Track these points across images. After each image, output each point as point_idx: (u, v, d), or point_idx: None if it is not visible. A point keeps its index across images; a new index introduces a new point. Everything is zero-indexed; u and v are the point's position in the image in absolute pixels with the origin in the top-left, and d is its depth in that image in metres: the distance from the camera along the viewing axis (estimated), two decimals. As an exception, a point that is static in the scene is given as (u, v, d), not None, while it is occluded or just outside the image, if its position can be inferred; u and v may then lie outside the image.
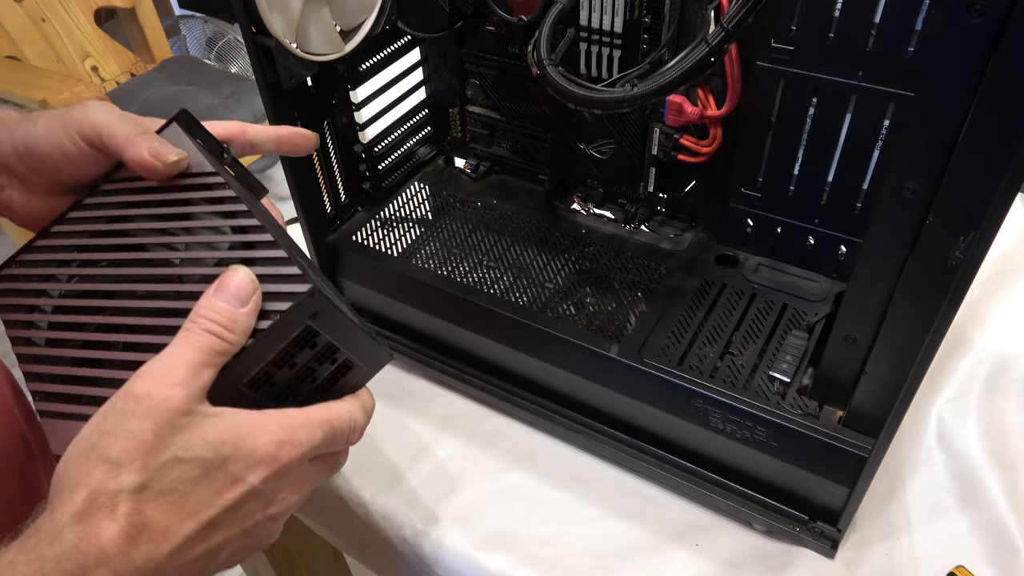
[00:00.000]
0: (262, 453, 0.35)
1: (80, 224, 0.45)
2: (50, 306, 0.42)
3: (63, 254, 0.44)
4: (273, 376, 0.38)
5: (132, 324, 0.40)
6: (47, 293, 0.43)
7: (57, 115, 0.42)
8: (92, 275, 0.43)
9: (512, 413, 0.64)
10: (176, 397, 0.33)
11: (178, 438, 0.33)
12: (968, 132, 0.35)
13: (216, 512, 0.34)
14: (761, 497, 0.55)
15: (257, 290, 0.37)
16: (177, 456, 0.33)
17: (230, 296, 0.36)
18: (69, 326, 0.41)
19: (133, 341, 0.39)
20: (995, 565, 0.52)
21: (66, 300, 0.42)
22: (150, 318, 0.39)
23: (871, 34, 0.47)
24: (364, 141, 0.69)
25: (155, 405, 0.32)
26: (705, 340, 0.56)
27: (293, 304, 0.37)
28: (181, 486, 0.33)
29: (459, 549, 0.56)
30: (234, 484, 0.34)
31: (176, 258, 0.42)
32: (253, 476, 0.34)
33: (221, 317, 0.35)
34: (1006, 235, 0.78)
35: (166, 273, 0.41)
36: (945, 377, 0.66)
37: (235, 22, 0.52)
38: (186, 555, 0.33)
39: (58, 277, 0.43)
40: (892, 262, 0.41)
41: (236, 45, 2.20)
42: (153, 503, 0.32)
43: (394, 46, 0.68)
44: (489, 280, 0.63)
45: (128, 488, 0.31)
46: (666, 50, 0.55)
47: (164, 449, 0.32)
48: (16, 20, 1.72)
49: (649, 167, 0.64)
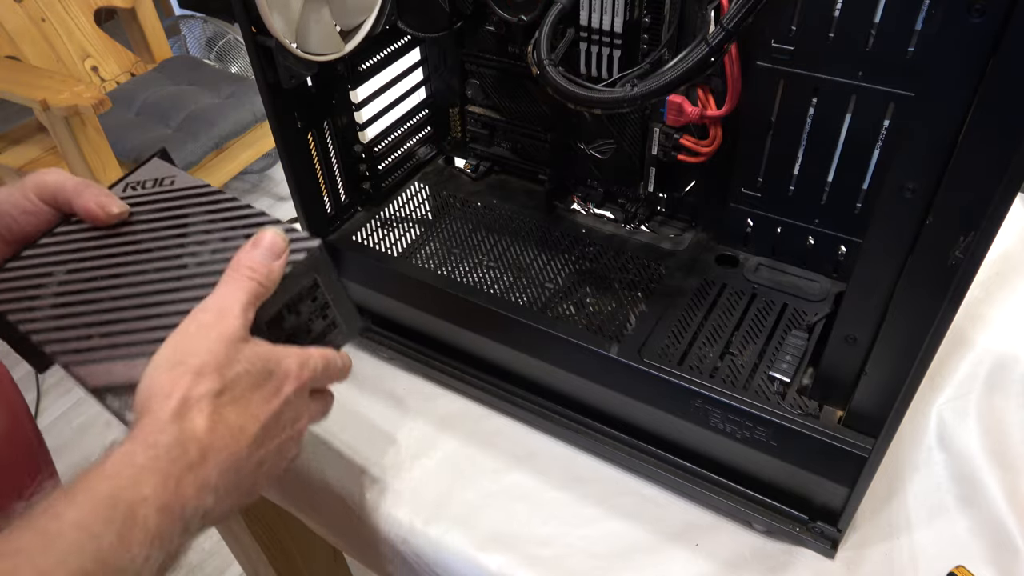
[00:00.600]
0: (291, 370, 0.44)
1: (57, 244, 0.50)
2: (51, 292, 0.48)
3: (53, 258, 0.50)
4: (284, 320, 0.48)
5: (143, 293, 0.47)
6: (44, 285, 0.49)
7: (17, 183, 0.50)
8: (92, 267, 0.49)
9: (512, 413, 0.64)
10: (237, 325, 0.42)
11: (241, 356, 0.41)
12: (968, 132, 0.35)
13: (268, 417, 0.42)
14: (761, 497, 0.55)
15: (287, 247, 0.46)
16: (243, 369, 0.41)
17: (265, 250, 0.45)
18: (79, 302, 0.47)
19: (145, 305, 0.47)
20: (995, 565, 0.52)
21: (69, 285, 0.48)
22: (160, 295, 0.47)
23: (871, 34, 0.47)
24: (364, 141, 0.69)
25: (224, 330, 0.41)
26: (705, 340, 0.56)
27: (307, 255, 0.47)
28: (247, 393, 0.41)
29: (459, 549, 0.56)
30: (277, 393, 0.43)
31: (184, 244, 0.49)
32: (287, 387, 0.44)
33: (260, 267, 0.44)
34: (1006, 235, 0.78)
35: (173, 257, 0.49)
36: (945, 377, 0.66)
37: (235, 22, 0.52)
38: (254, 455, 0.41)
39: (54, 273, 0.49)
40: (892, 262, 0.41)
41: (236, 45, 2.20)
42: (229, 407, 0.40)
43: (394, 46, 0.68)
44: (489, 280, 0.63)
45: (211, 392, 0.39)
46: (666, 50, 0.55)
47: (234, 363, 0.41)
48: (16, 20, 1.72)
49: (649, 167, 0.64)
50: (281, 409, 0.43)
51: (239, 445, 0.40)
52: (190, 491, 0.37)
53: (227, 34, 2.21)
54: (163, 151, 0.56)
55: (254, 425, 0.41)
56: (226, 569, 1.45)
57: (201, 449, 0.38)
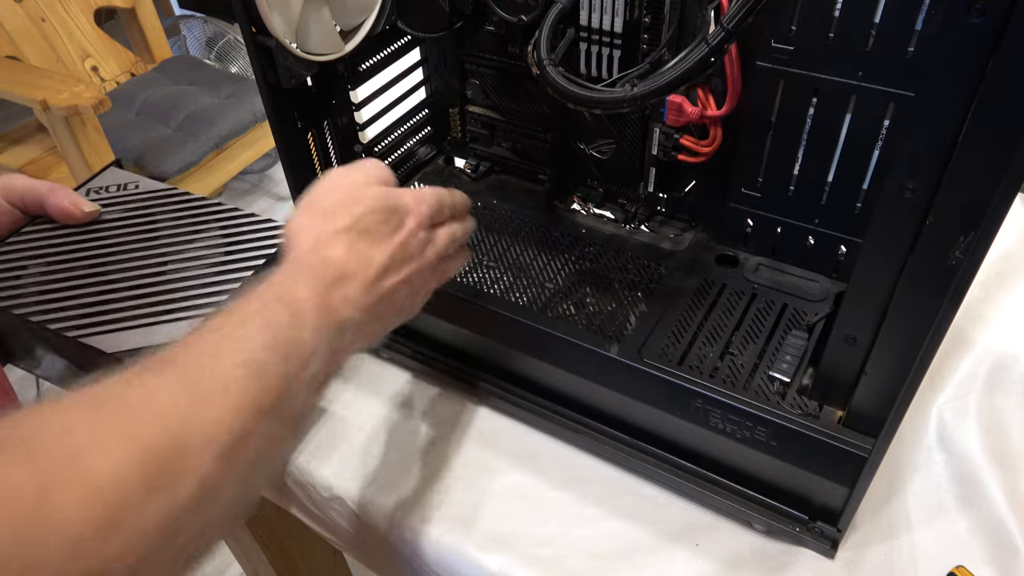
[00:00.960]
0: (409, 205, 0.49)
1: (28, 241, 0.53)
2: (33, 281, 0.51)
3: (28, 252, 0.52)
4: None
5: (134, 277, 0.51)
6: (23, 276, 0.51)
7: None
8: (72, 258, 0.52)
9: (512, 413, 0.64)
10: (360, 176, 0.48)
11: (364, 196, 0.47)
12: (968, 132, 0.35)
13: (394, 248, 0.47)
14: (761, 497, 0.55)
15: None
16: (368, 207, 0.46)
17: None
18: (69, 287, 0.50)
19: (140, 287, 0.51)
20: (995, 565, 0.52)
21: (52, 275, 0.51)
22: (150, 277, 0.51)
23: (871, 34, 0.47)
24: (364, 141, 0.69)
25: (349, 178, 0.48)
26: (705, 340, 0.56)
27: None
28: (373, 227, 0.46)
29: (459, 549, 0.56)
30: (400, 225, 0.48)
31: (158, 237, 0.54)
32: (410, 221, 0.48)
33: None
34: (1006, 235, 0.78)
35: (151, 248, 0.53)
36: (945, 377, 0.66)
37: (235, 22, 0.53)
38: (387, 280, 0.46)
39: (30, 266, 0.51)
40: (892, 262, 0.41)
41: (236, 45, 2.20)
42: (358, 239, 0.45)
43: (394, 46, 0.68)
44: (489, 280, 0.63)
45: (342, 228, 0.45)
46: (666, 50, 0.55)
47: (359, 202, 0.46)
48: (16, 20, 1.72)
49: (649, 167, 0.64)
50: (406, 240, 0.48)
51: (371, 271, 0.45)
52: (337, 301, 0.43)
53: (227, 34, 2.21)
54: (117, 161, 0.62)
55: (382, 255, 0.46)
56: (226, 569, 1.45)
57: (340, 271, 0.44)
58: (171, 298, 0.49)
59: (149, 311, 0.49)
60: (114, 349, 0.47)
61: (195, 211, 0.57)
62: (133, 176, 0.58)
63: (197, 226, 0.55)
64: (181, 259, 0.53)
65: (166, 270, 0.52)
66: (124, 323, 0.48)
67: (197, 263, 0.52)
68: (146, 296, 0.50)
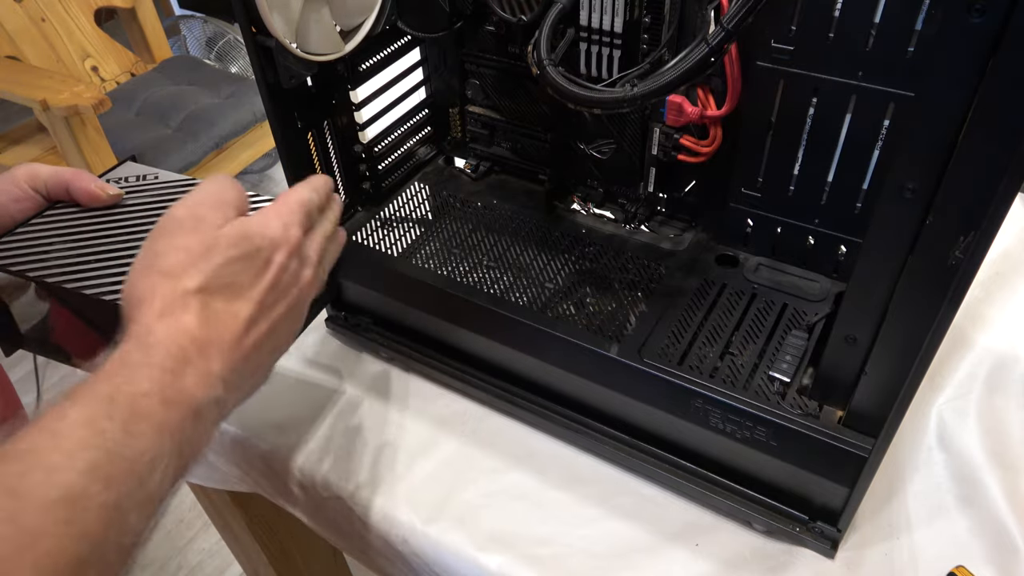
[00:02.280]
0: (276, 236, 0.43)
1: (52, 221, 0.52)
2: (57, 255, 0.49)
3: (52, 229, 0.51)
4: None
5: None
6: (48, 250, 0.50)
7: (5, 174, 0.52)
8: (95, 234, 0.51)
9: (512, 413, 0.64)
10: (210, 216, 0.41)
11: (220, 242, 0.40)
12: (968, 132, 0.35)
13: (262, 293, 0.41)
14: (761, 497, 0.55)
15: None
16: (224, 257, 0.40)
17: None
18: (97, 260, 0.49)
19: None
20: (995, 565, 0.52)
21: (76, 248, 0.49)
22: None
23: (871, 34, 0.47)
24: (364, 141, 0.69)
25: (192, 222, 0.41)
26: (705, 340, 0.56)
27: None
28: (234, 277, 0.40)
29: (459, 549, 0.56)
30: (267, 265, 0.42)
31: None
32: (279, 254, 0.42)
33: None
34: (1006, 235, 0.78)
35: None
36: (945, 377, 0.66)
37: (235, 22, 0.53)
38: (254, 332, 0.41)
39: (54, 242, 0.50)
40: (892, 262, 0.41)
41: (236, 45, 2.20)
42: (216, 296, 0.39)
43: (394, 46, 0.68)
44: (489, 280, 0.63)
45: (194, 287, 0.39)
46: (666, 50, 0.55)
47: (213, 250, 0.40)
48: (16, 20, 1.72)
49: (649, 167, 0.64)
50: (276, 278, 0.42)
51: (234, 329, 0.39)
52: (193, 384, 0.37)
53: (227, 34, 2.21)
54: (133, 157, 0.61)
55: (248, 306, 0.40)
56: (226, 569, 1.45)
57: (196, 343, 0.38)
58: None
59: None
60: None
61: None
62: (151, 169, 0.58)
63: None
64: None
65: None
66: None
67: None
68: None
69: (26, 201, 0.51)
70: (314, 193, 0.47)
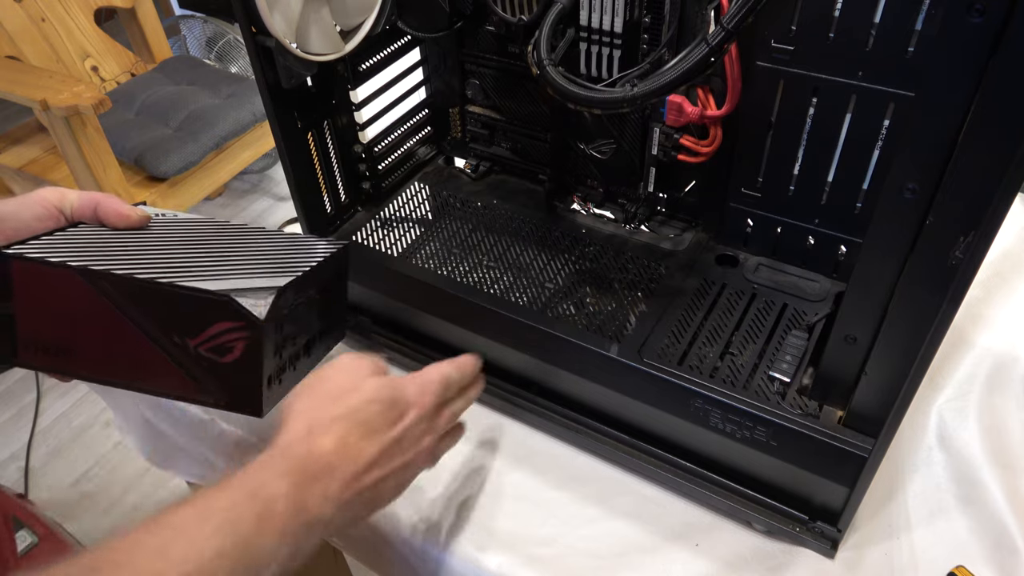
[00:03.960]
0: (411, 398, 0.49)
1: (79, 232, 0.52)
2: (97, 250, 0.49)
3: (82, 238, 0.51)
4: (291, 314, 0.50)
5: (201, 255, 0.51)
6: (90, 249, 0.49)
7: (32, 193, 0.53)
8: (127, 245, 0.51)
9: (512, 413, 0.64)
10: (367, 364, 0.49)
11: (367, 386, 0.47)
12: (968, 132, 0.35)
13: (388, 442, 0.46)
14: (761, 497, 0.55)
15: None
16: (367, 397, 0.46)
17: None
18: (144, 257, 0.49)
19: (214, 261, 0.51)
20: (995, 565, 0.52)
21: (118, 249, 0.50)
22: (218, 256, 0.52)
23: (871, 34, 0.47)
24: (364, 141, 0.69)
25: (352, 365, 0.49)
26: (705, 340, 0.56)
27: (338, 251, 0.56)
28: (371, 418, 0.46)
29: (459, 549, 0.56)
30: (400, 419, 0.47)
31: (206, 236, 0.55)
32: (411, 413, 0.48)
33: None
34: (1006, 235, 0.78)
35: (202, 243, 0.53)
36: (945, 377, 0.66)
37: (235, 22, 0.53)
38: (372, 474, 0.45)
39: (91, 246, 0.50)
40: (892, 262, 0.41)
41: (236, 45, 2.20)
42: (353, 430, 0.45)
43: (394, 46, 0.68)
44: (489, 280, 0.63)
45: (338, 415, 0.45)
46: (666, 50, 0.55)
47: (360, 390, 0.47)
48: (16, 20, 1.72)
49: (649, 167, 0.64)
50: (402, 434, 0.47)
51: (358, 465, 0.44)
52: (314, 499, 0.42)
53: (227, 34, 2.20)
54: (143, 203, 0.63)
55: (374, 448, 0.45)
56: (226, 569, 1.45)
57: (326, 465, 0.43)
58: (245, 259, 0.50)
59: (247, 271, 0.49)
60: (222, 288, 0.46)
61: (238, 227, 0.58)
62: (167, 211, 0.59)
63: (245, 233, 0.57)
64: (243, 242, 0.54)
65: (232, 244, 0.53)
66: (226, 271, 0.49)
67: (263, 240, 0.55)
68: (230, 264, 0.50)
69: (49, 220, 0.52)
70: (456, 372, 0.52)
